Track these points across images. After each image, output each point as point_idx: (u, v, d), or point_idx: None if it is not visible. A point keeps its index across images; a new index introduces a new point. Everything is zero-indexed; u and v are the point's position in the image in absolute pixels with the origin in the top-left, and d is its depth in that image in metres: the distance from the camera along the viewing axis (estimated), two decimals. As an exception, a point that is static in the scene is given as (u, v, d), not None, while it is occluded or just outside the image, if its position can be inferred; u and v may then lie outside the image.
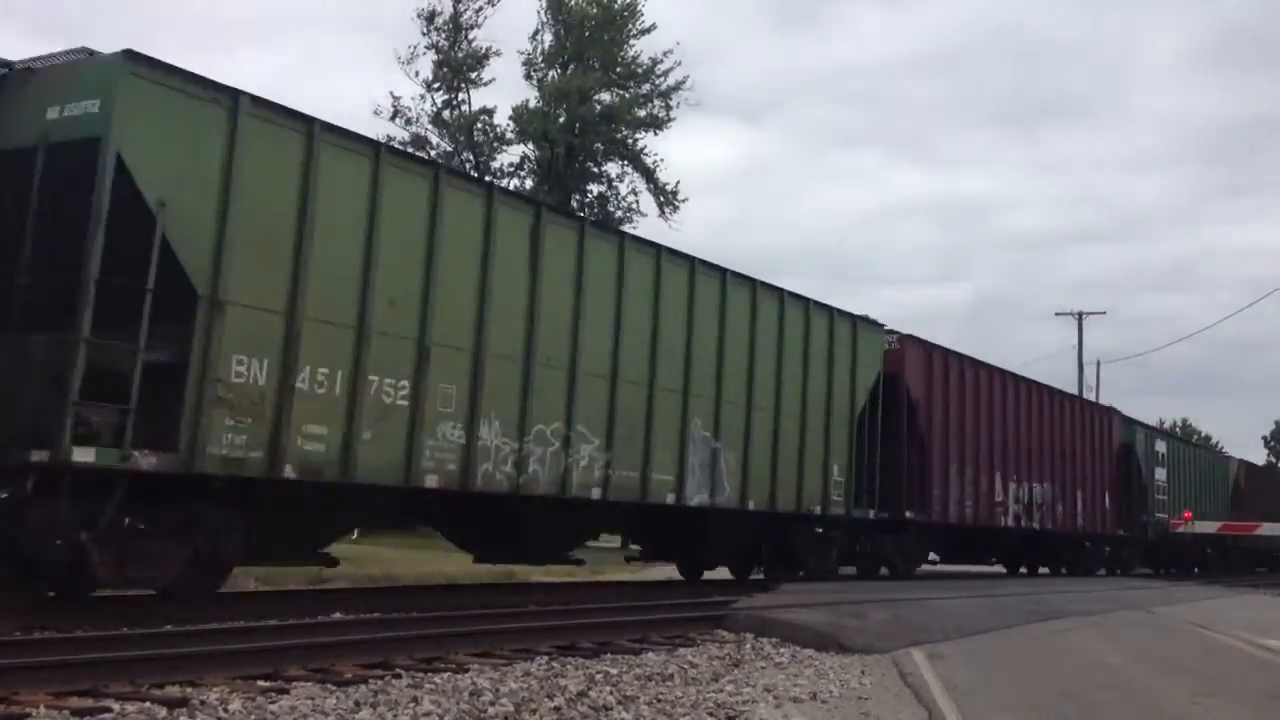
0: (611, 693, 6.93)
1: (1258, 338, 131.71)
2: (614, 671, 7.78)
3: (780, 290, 16.62)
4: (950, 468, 20.91)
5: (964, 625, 11.82)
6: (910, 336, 20.34)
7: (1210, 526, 34.07)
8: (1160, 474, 31.75)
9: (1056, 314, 55.76)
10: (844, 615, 11.40)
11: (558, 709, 6.39)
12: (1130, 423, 30.70)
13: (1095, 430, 27.95)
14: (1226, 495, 38.70)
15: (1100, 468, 27.92)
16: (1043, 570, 27.77)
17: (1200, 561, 35.81)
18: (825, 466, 17.27)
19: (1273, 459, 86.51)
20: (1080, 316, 52.43)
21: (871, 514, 18.43)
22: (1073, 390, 40.91)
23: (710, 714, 6.57)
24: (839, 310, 17.93)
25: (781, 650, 9.51)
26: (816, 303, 17.34)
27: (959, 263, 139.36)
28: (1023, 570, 27.54)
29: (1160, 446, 32.48)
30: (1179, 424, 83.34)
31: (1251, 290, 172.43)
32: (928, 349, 20.82)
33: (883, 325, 19.37)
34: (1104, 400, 41.37)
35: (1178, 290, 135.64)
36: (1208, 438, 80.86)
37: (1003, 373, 23.62)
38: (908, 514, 19.63)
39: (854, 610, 11.90)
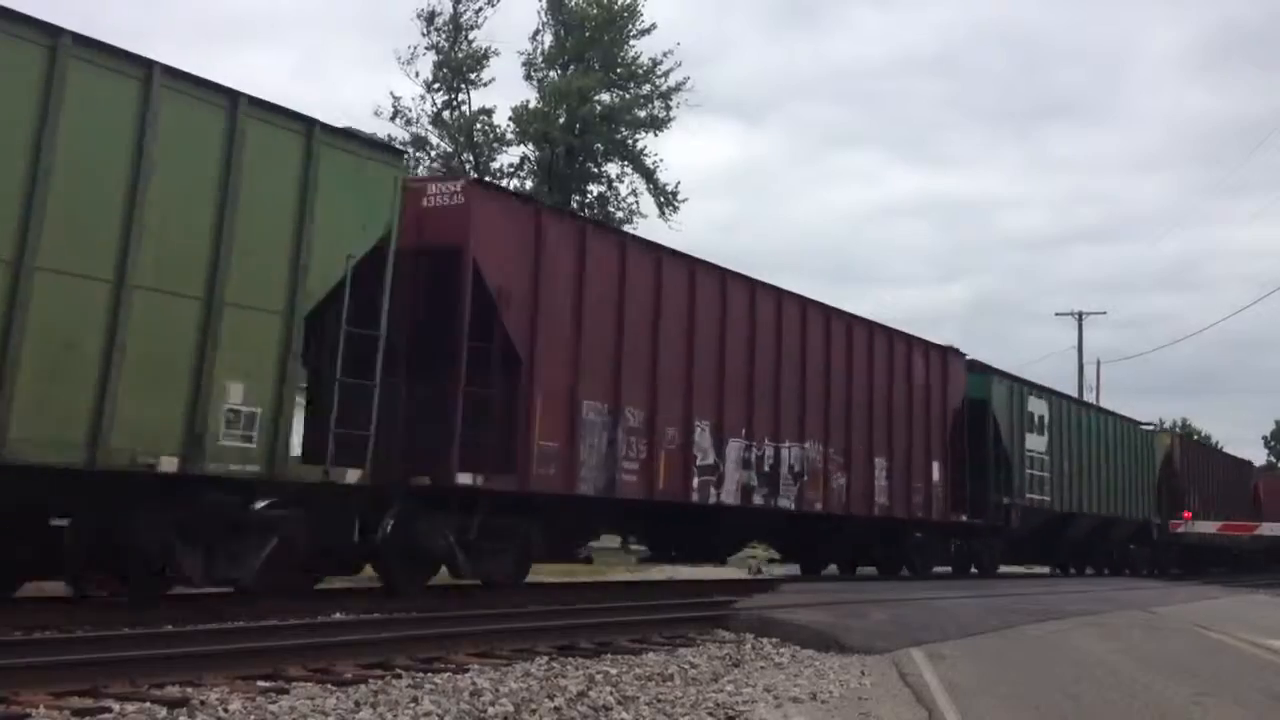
0: (611, 693, 6.93)
1: (1258, 338, 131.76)
2: (614, 671, 7.78)
3: (47, 25, 8.57)
4: (583, 408, 12.99)
5: (964, 625, 11.83)
6: (491, 185, 12.88)
7: (1210, 527, 31.28)
8: (1036, 443, 24.21)
9: (1056, 314, 55.71)
10: (844, 615, 11.40)
11: (558, 709, 6.39)
12: (984, 371, 22.86)
13: (919, 377, 20.02)
14: (1152, 477, 31.37)
15: (927, 429, 20.19)
16: (865, 570, 21.01)
17: (1125, 560, 30.67)
18: (200, 385, 9.35)
19: (1273, 459, 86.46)
20: (1080, 316, 52.52)
21: (353, 476, 10.44)
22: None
23: (710, 714, 6.57)
24: (253, 100, 9.89)
25: (781, 650, 9.52)
26: (183, 75, 9.42)
27: (959, 263, 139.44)
28: (833, 570, 20.95)
29: (1037, 407, 24.65)
30: (1179, 423, 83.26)
31: (1252, 290, 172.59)
32: (536, 214, 12.95)
33: (402, 152, 12.24)
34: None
35: (1178, 290, 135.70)
36: (1208, 437, 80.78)
37: (727, 274, 15.72)
38: (461, 478, 11.49)
39: (854, 610, 11.91)
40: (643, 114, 34.49)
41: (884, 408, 19.11)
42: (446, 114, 33.99)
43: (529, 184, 33.70)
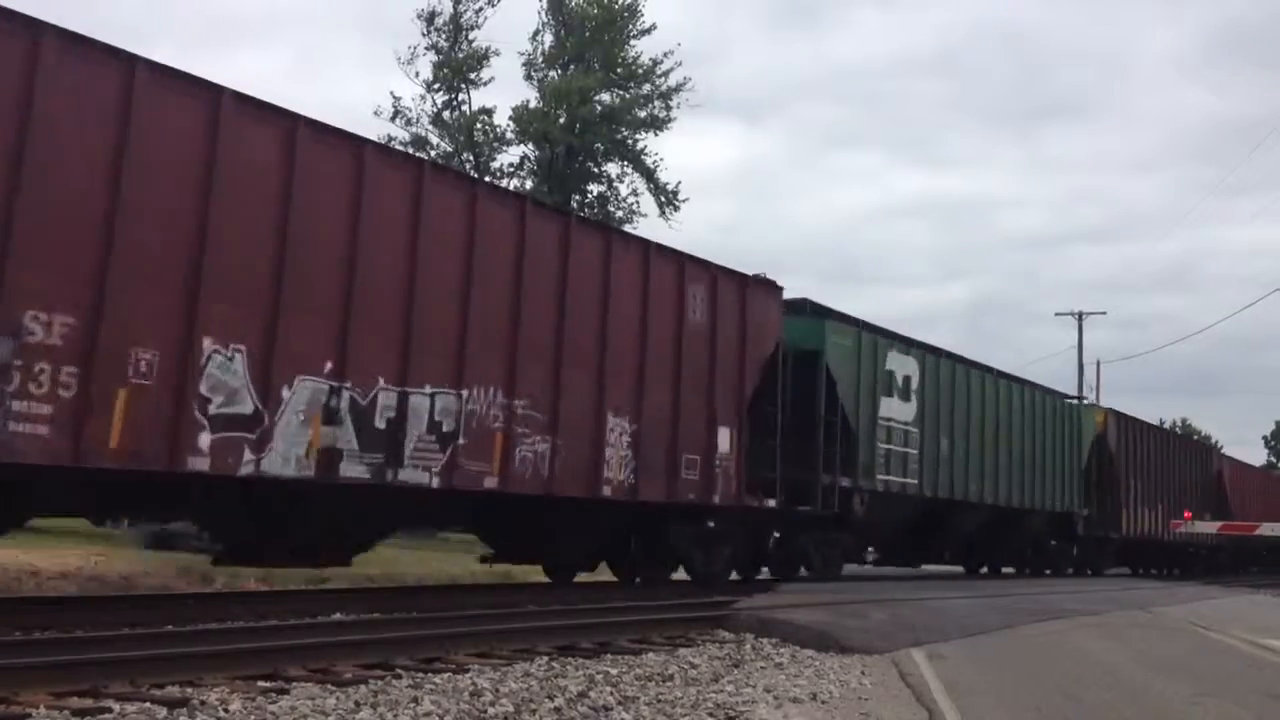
0: (612, 693, 6.94)
1: (1258, 338, 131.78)
2: (614, 672, 7.79)
3: None
4: None
5: (964, 625, 11.83)
6: None
7: (1210, 527, 30.14)
8: (899, 411, 18.77)
9: (1056, 314, 55.66)
10: (844, 615, 11.41)
11: (558, 709, 6.39)
12: (817, 313, 17.90)
13: (698, 311, 14.44)
14: (1078, 460, 26.06)
15: (710, 384, 14.55)
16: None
17: (1043, 558, 26.04)
18: None
19: (1273, 459, 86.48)
20: (1080, 316, 52.47)
21: None
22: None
23: (710, 714, 6.57)
24: None
25: (781, 650, 9.52)
26: None
27: (959, 263, 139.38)
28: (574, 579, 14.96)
29: (901, 365, 19.02)
30: (1179, 423, 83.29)
31: (1252, 290, 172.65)
32: None
33: None
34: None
35: (1178, 290, 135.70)
36: (1208, 436, 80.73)
37: (302, 121, 10.11)
38: None
39: (854, 610, 11.91)
40: (643, 114, 34.49)
41: (630, 349, 13.43)
42: (446, 114, 33.98)
43: (529, 183, 33.72)
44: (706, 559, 15.22)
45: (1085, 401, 28.93)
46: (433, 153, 32.80)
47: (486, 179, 28.30)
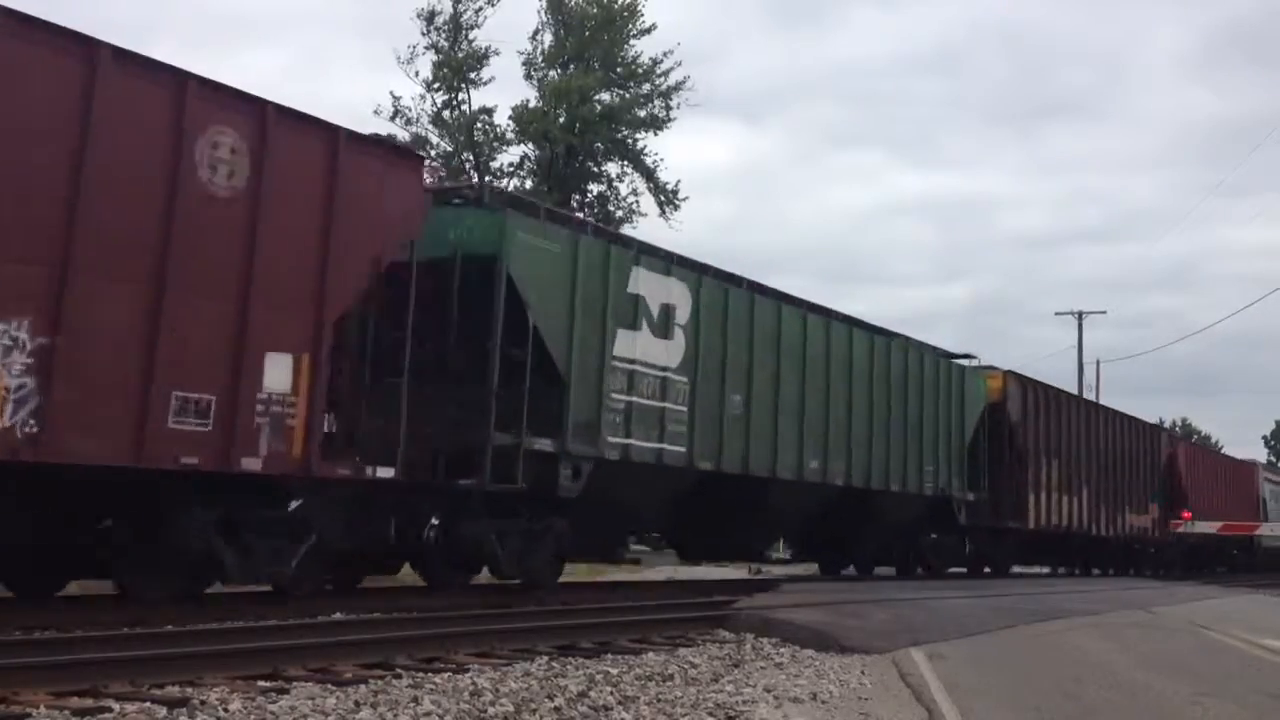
0: (612, 693, 6.94)
1: (1258, 338, 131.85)
2: (614, 671, 7.79)
3: None
4: None
5: (964, 625, 11.83)
6: None
7: (1211, 526, 29.33)
8: (650, 350, 13.86)
9: (1056, 314, 55.48)
10: (844, 615, 11.42)
11: (558, 709, 6.40)
12: (498, 205, 12.93)
13: (224, 165, 9.33)
14: (962, 434, 21.09)
15: (247, 281, 9.53)
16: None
17: (913, 552, 21.43)
18: None
19: (1272, 459, 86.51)
20: (1080, 316, 52.44)
21: None
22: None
23: (710, 714, 6.57)
24: None
25: (781, 650, 9.52)
26: None
27: (959, 263, 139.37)
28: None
29: (659, 289, 14.07)
30: (1179, 423, 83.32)
31: (1252, 290, 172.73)
32: None
33: None
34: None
35: (1178, 290, 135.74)
36: (1208, 437, 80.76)
37: None
38: None
39: (854, 610, 11.93)
40: (643, 113, 34.51)
41: (35, 213, 8.26)
42: (446, 113, 33.99)
43: (529, 183, 33.74)
44: (247, 563, 9.92)
45: (974, 363, 22.74)
46: (432, 152, 32.82)
47: (488, 177, 28.22)
